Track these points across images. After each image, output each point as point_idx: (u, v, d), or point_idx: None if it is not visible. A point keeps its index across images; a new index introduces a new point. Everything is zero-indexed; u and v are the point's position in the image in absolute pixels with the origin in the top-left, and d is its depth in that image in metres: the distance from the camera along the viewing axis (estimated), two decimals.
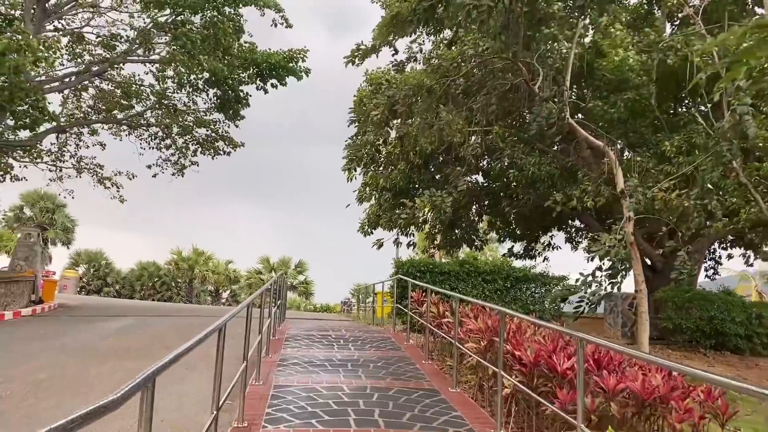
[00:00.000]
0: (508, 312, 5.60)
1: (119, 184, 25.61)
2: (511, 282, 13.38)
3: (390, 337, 10.57)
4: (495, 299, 13.07)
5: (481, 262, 13.86)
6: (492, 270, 13.44)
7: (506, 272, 13.48)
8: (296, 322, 15.85)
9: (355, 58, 10.59)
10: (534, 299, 13.37)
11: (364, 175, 16.81)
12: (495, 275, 13.30)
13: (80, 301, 27.31)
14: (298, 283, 42.59)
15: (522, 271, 13.71)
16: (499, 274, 13.35)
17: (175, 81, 21.47)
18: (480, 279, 13.19)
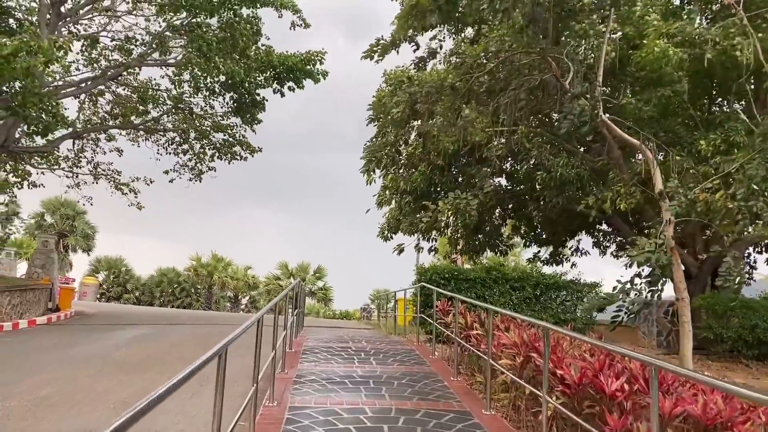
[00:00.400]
0: (552, 327, 4.96)
1: (137, 189, 25.35)
2: (541, 290, 12.69)
3: (414, 349, 9.96)
4: (523, 308, 12.40)
5: (508, 269, 13.16)
6: (520, 277, 12.75)
7: (535, 279, 12.78)
8: (314, 331, 15.29)
9: (374, 53, 10.02)
10: (565, 308, 12.66)
11: (383, 178, 16.22)
12: (523, 282, 12.62)
13: (98, 308, 27.10)
14: (316, 290, 42.14)
15: (552, 278, 13.01)
16: (528, 282, 12.66)
17: (192, 85, 21.11)
18: (508, 286, 12.51)
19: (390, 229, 18.05)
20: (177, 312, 30.27)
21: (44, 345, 12.69)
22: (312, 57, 19.69)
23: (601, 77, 10.43)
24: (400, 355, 9.04)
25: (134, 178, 25.09)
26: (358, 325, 21.88)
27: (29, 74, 14.45)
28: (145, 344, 12.93)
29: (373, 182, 15.17)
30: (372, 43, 10.37)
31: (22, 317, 17.89)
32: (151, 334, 15.23)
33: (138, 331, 16.09)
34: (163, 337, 14.56)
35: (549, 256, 20.19)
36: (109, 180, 25.07)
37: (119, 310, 27.12)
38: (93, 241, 51.32)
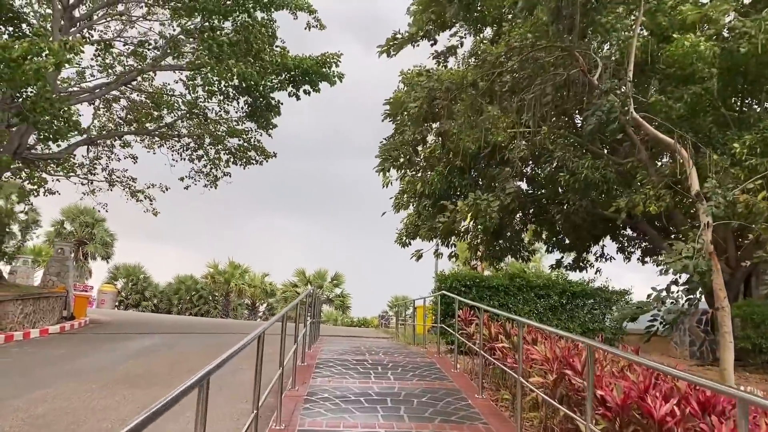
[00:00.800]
0: (594, 344, 4.36)
1: (152, 196, 25.11)
2: (567, 297, 12.01)
3: (434, 361, 9.36)
4: (549, 316, 11.74)
5: (533, 276, 12.50)
6: (546, 284, 12.08)
7: (561, 287, 12.10)
8: (330, 341, 14.75)
9: (390, 48, 9.48)
10: (593, 317, 11.97)
11: (401, 181, 15.66)
12: (549, 290, 11.95)
13: (114, 316, 26.84)
14: (334, 297, 41.63)
15: (579, 285, 12.32)
16: (554, 289, 11.99)
17: (205, 89, 20.77)
18: (532, 294, 11.85)
19: (408, 234, 17.51)
20: (193, 320, 29.94)
21: (51, 356, 12.30)
22: (328, 59, 19.25)
23: (632, 72, 9.79)
24: (420, 368, 8.45)
25: (149, 184, 24.86)
26: (376, 334, 21.29)
27: (40, 77, 14.16)
28: (154, 355, 12.48)
29: (389, 184, 14.64)
30: (388, 38, 9.80)
31: (35, 326, 17.59)
32: (162, 345, 14.81)
33: (149, 341, 15.68)
34: (173, 348, 14.12)
35: (572, 261, 19.51)
36: (124, 187, 24.86)
37: (135, 318, 26.83)
38: (112, 248, 51.39)
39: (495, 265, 19.93)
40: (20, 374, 9.83)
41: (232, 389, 8.68)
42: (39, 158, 20.93)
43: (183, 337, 16.85)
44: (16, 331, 15.95)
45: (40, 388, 8.51)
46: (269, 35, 19.52)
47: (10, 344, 14.38)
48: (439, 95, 9.32)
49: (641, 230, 17.95)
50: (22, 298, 17.14)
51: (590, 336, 11.67)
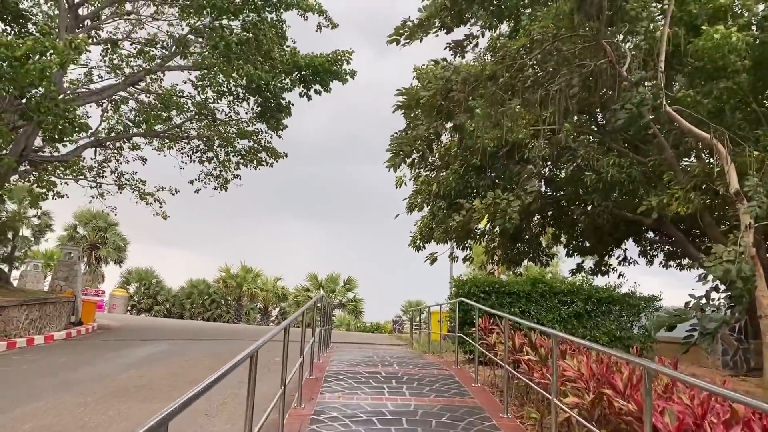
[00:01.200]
0: (650, 366, 3.69)
1: (161, 199, 24.70)
2: (593, 304, 11.28)
3: (452, 374, 8.70)
4: (573, 324, 11.01)
5: (556, 281, 11.78)
6: (570, 290, 11.36)
7: (587, 292, 11.37)
8: (341, 349, 14.14)
9: (400, 36, 8.83)
10: (620, 324, 11.24)
11: (414, 181, 15.00)
12: (574, 296, 11.23)
13: (124, 321, 26.43)
14: (346, 301, 41.02)
15: (606, 291, 11.58)
16: (579, 295, 11.27)
17: (214, 90, 20.30)
18: (556, 301, 11.14)
19: (422, 237, 16.86)
20: (204, 325, 29.47)
21: (52, 365, 11.81)
22: (339, 57, 18.70)
23: (663, 62, 9.10)
24: (438, 382, 7.79)
25: (159, 187, 24.46)
26: (390, 341, 20.63)
27: (44, 77, 13.75)
28: (159, 364, 11.94)
29: (403, 185, 14.02)
30: (397, 26, 9.14)
31: (41, 332, 17.17)
32: (169, 352, 14.29)
33: (156, 347, 15.17)
34: (180, 355, 13.58)
35: (593, 266, 18.76)
36: (133, 190, 24.46)
37: (145, 324, 26.41)
38: (125, 252, 51.24)
39: (512, 269, 19.23)
40: (15, 385, 9.31)
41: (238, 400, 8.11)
42: (46, 160, 20.56)
43: (191, 344, 16.33)
44: (19, 337, 15.51)
45: (32, 401, 7.97)
46: (279, 36, 19.02)
47: (12, 351, 13.93)
48: (456, 87, 8.68)
49: (666, 233, 17.17)
50: (27, 304, 16.71)
51: (618, 346, 10.96)
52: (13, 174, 20.04)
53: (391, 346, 17.56)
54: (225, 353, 13.32)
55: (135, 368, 11.25)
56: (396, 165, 9.49)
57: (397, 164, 9.48)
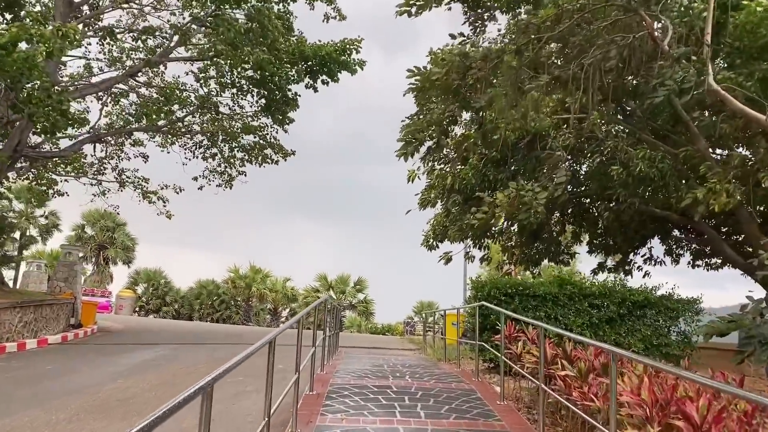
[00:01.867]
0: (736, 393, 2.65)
1: (165, 198, 23.85)
2: (627, 308, 10.18)
3: (473, 388, 7.64)
4: (606, 330, 9.93)
5: (586, 283, 10.67)
6: (602, 292, 10.25)
7: (620, 295, 10.27)
8: (349, 356, 13.15)
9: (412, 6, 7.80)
10: (656, 330, 10.13)
11: (428, 175, 13.94)
12: (606, 299, 10.13)
13: (128, 323, 25.57)
14: (357, 302, 40.02)
15: (641, 293, 10.45)
16: (611, 298, 10.17)
17: (218, 81, 19.38)
18: (586, 304, 10.05)
19: (435, 236, 15.83)
20: (210, 327, 28.58)
21: (35, 373, 10.90)
22: (347, 46, 17.71)
23: (710, 35, 8.01)
24: (457, 399, 6.74)
25: (163, 185, 23.61)
26: (401, 344, 19.60)
27: (33, 66, 12.89)
28: (150, 372, 11.00)
29: (415, 179, 12.98)
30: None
31: (36, 335, 16.33)
32: (165, 358, 13.37)
33: (153, 353, 14.26)
34: (175, 362, 12.66)
35: (616, 264, 17.66)
36: (135, 188, 23.62)
37: (149, 326, 25.55)
38: (133, 252, 50.70)
39: (531, 269, 18.17)
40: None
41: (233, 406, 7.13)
42: (42, 156, 19.74)
43: (191, 349, 15.40)
44: (11, 341, 14.67)
45: (2, 417, 7.05)
46: (286, 28, 18.07)
47: (0, 357, 13.07)
48: (475, 65, 7.64)
49: (698, 230, 16.02)
50: (21, 306, 15.85)
51: (655, 354, 9.87)
52: (9, 171, 19.25)
53: (403, 351, 16.53)
54: (222, 359, 12.36)
55: (124, 377, 10.32)
56: (408, 154, 8.44)
57: (409, 153, 8.42)
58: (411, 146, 8.35)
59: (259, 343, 3.65)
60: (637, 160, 12.23)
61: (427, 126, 8.05)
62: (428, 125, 8.04)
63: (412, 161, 10.68)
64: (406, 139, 8.28)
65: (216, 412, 3.30)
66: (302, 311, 5.58)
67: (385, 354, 14.55)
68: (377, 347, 17.16)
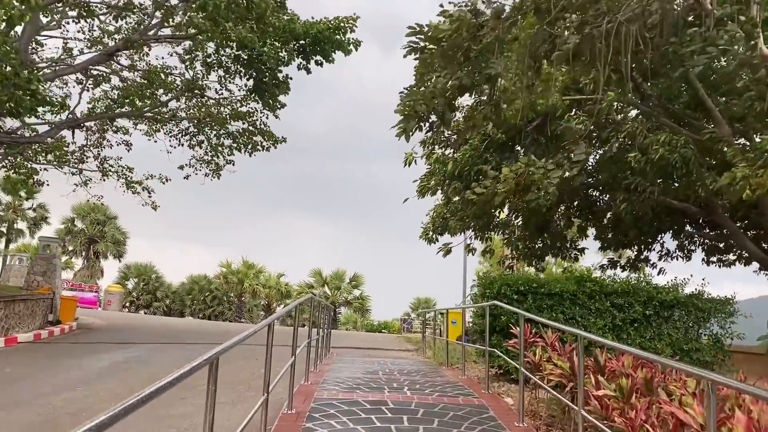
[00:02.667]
0: None
1: (150, 188, 22.61)
2: (654, 308, 8.99)
3: (483, 403, 6.41)
4: (630, 333, 8.76)
5: (608, 280, 9.45)
6: (625, 290, 9.05)
7: (646, 294, 9.06)
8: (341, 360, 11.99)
9: None
10: (686, 333, 8.94)
11: (426, 159, 12.74)
12: (630, 298, 8.93)
13: (111, 320, 24.31)
14: (352, 299, 38.84)
15: (670, 292, 9.22)
16: (636, 297, 8.95)
17: (204, 62, 18.13)
18: (608, 303, 8.85)
19: (435, 229, 14.67)
20: (197, 325, 27.39)
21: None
22: (342, 24, 16.47)
23: None
24: (467, 418, 5.50)
25: (148, 175, 22.35)
26: (398, 344, 18.43)
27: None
28: (117, 378, 9.84)
29: (413, 163, 11.82)
30: None
31: (7, 333, 15.13)
32: (138, 360, 12.19)
33: (127, 353, 13.08)
34: (149, 365, 11.49)
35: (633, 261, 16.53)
36: (119, 177, 22.37)
37: (133, 323, 24.32)
38: (124, 246, 49.60)
39: (536, 265, 17.01)
40: None
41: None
42: (16, 142, 18.45)
43: (169, 349, 14.23)
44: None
45: None
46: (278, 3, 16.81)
47: None
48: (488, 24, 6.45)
49: (718, 224, 14.88)
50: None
51: (685, 360, 8.70)
52: None
53: (400, 352, 15.34)
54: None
55: (85, 384, 9.14)
56: (408, 131, 7.18)
57: (409, 129, 7.16)
58: (411, 122, 7.12)
59: (196, 362, 2.48)
60: (658, 146, 11.06)
61: (430, 96, 6.84)
62: (431, 95, 6.83)
63: (411, 145, 9.45)
64: (405, 113, 7.06)
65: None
66: (272, 316, 4.41)
67: (381, 357, 13.37)
68: (372, 348, 15.97)
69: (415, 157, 11.80)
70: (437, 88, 7.01)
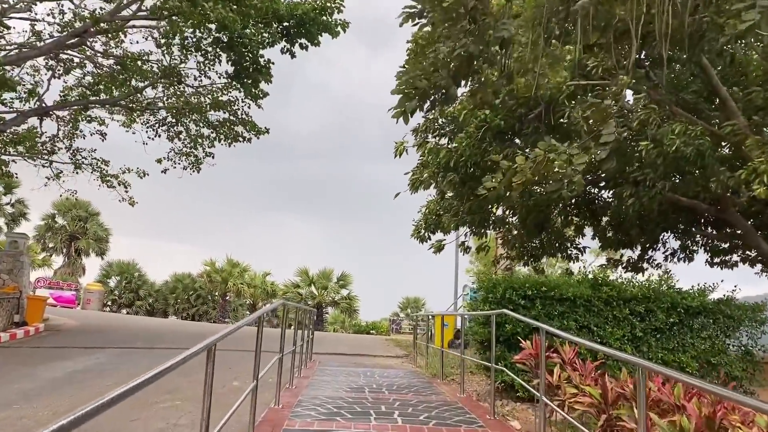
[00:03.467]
0: None
1: (127, 182, 21.39)
2: (679, 315, 7.89)
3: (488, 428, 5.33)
4: (651, 344, 7.66)
5: (626, 284, 8.31)
6: (646, 295, 7.93)
7: (670, 300, 7.94)
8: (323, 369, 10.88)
9: None
10: (713, 344, 7.87)
11: (418, 150, 11.62)
12: (652, 304, 7.83)
13: (86, 320, 23.00)
14: (340, 299, 37.64)
15: (696, 297, 8.10)
16: (659, 304, 7.85)
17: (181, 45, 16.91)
18: (626, 311, 7.73)
19: (428, 226, 13.60)
20: (175, 326, 26.12)
21: None
22: (328, 4, 15.33)
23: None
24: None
25: (125, 169, 21.11)
26: (387, 349, 17.29)
27: None
28: (67, 391, 8.66)
29: (404, 153, 10.70)
30: None
31: None
32: (99, 367, 11.02)
33: (89, 360, 11.90)
34: (107, 375, 10.31)
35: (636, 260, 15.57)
36: (93, 170, 21.11)
37: (108, 324, 23.02)
38: (107, 244, 48.23)
39: (532, 265, 15.98)
40: None
41: None
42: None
43: (137, 355, 13.04)
44: None
45: None
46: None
47: None
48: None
49: (729, 222, 13.89)
50: None
51: (713, 374, 7.65)
52: None
53: (389, 359, 14.22)
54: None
55: (28, 399, 7.96)
56: (407, 111, 6.01)
57: (409, 110, 6.00)
58: (411, 101, 5.98)
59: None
60: (673, 136, 9.99)
61: (432, 70, 5.72)
62: (432, 68, 5.72)
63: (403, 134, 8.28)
64: (403, 91, 5.94)
65: None
66: (211, 338, 3.29)
67: (369, 364, 12.25)
68: (359, 354, 14.83)
69: (407, 147, 10.67)
70: (439, 58, 5.89)
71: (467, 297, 23.22)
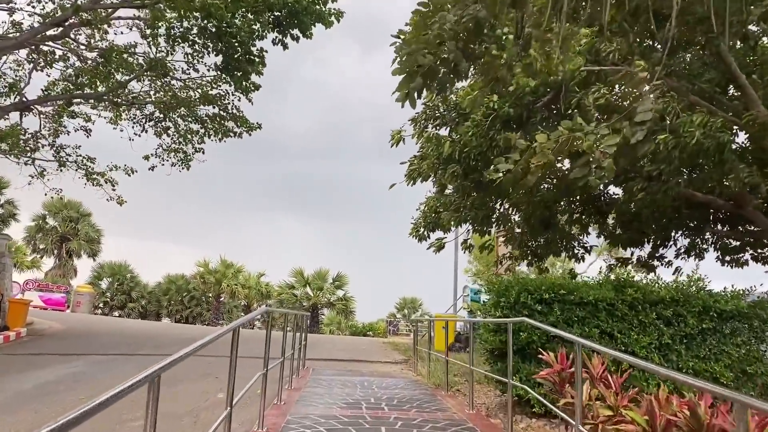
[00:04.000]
0: None
1: (114, 180, 20.59)
2: (712, 321, 7.07)
3: None
4: (681, 352, 6.84)
5: (652, 285, 7.47)
6: (674, 298, 7.09)
7: (701, 303, 7.10)
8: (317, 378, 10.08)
9: None
10: (749, 352, 7.07)
11: (417, 139, 10.83)
12: (681, 308, 7.00)
13: (72, 324, 22.13)
14: (336, 300, 36.81)
15: (730, 301, 7.25)
16: (689, 307, 7.01)
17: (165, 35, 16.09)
18: (653, 315, 6.90)
19: (427, 224, 12.82)
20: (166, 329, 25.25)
21: None
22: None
23: None
24: None
25: (111, 166, 20.30)
26: (384, 353, 16.48)
27: None
28: (33, 406, 7.85)
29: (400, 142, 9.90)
30: None
31: None
32: (74, 378, 10.20)
33: (66, 369, 11.08)
34: (86, 385, 9.51)
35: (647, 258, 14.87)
36: (79, 168, 20.30)
37: (95, 327, 22.17)
38: (99, 245, 47.47)
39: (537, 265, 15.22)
40: None
41: None
42: None
43: (117, 363, 12.22)
44: None
45: None
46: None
47: None
48: None
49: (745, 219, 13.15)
50: None
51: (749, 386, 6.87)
52: None
53: (387, 365, 13.42)
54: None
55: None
56: (412, 92, 5.17)
57: (413, 90, 5.17)
58: (414, 81, 5.15)
59: None
60: (692, 128, 9.17)
61: (438, 42, 4.94)
62: (438, 41, 4.93)
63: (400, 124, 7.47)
64: (406, 68, 5.13)
65: None
66: (182, 351, 2.51)
67: (366, 372, 11.45)
68: (355, 360, 14.02)
69: (404, 137, 9.88)
70: (445, 28, 5.09)
71: (468, 297, 22.46)
